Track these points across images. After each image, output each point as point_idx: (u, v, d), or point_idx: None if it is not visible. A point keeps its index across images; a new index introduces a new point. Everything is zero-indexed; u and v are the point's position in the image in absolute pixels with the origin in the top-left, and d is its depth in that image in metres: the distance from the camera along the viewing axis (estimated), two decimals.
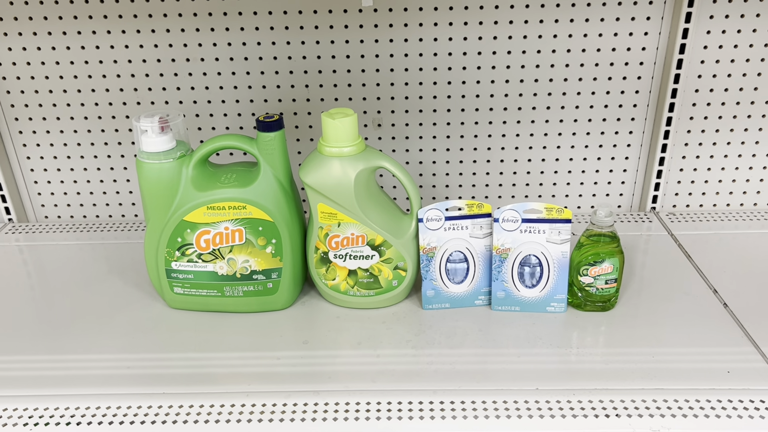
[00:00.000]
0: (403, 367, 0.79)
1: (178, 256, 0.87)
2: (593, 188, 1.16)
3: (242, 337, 0.86)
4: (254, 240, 0.86)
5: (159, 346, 0.84)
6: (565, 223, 0.84)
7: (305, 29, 1.03)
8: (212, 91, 1.08)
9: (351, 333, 0.86)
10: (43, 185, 1.17)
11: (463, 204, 0.86)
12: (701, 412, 0.71)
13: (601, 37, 1.03)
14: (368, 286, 0.88)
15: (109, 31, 1.04)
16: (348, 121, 0.82)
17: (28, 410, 0.73)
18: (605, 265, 0.85)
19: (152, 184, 0.84)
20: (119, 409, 0.73)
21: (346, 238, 0.86)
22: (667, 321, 0.86)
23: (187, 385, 0.77)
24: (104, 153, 1.14)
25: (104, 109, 1.10)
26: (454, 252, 0.87)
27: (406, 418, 0.71)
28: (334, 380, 0.77)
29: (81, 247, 1.10)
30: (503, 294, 0.88)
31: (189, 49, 1.05)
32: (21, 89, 1.09)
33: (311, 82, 1.07)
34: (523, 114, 1.10)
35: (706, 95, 1.07)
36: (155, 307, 0.92)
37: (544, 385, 0.75)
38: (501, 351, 0.82)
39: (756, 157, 1.12)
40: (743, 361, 0.78)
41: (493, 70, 1.06)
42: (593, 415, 0.70)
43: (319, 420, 0.71)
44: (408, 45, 1.04)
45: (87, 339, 0.86)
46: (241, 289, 0.88)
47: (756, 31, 1.02)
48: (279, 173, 0.85)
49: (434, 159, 1.13)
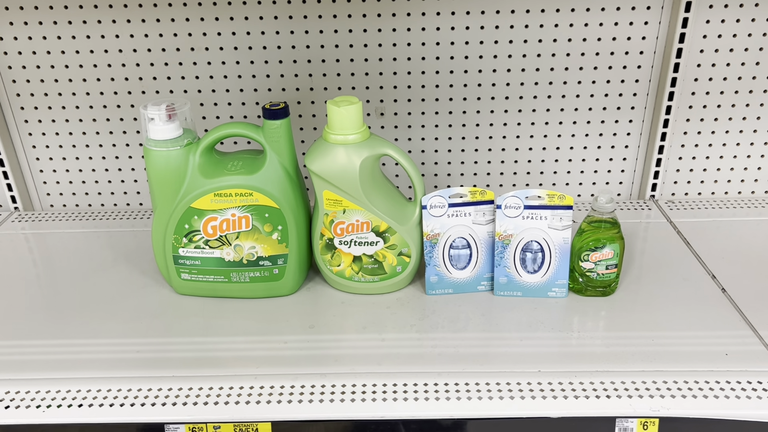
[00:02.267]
0: (408, 351, 0.80)
1: (185, 243, 0.88)
2: (593, 176, 1.17)
3: (249, 321, 0.87)
4: (260, 226, 0.87)
5: (167, 330, 0.86)
6: (566, 209, 0.85)
7: (309, 18, 1.04)
8: (216, 80, 1.09)
9: (356, 318, 0.87)
10: (48, 174, 1.18)
11: (466, 191, 0.87)
12: (700, 393, 0.72)
13: (602, 26, 1.04)
14: (373, 272, 0.90)
15: (114, 20, 1.04)
16: (353, 108, 0.83)
17: (40, 393, 0.75)
18: (606, 250, 0.86)
19: (160, 171, 0.85)
20: (129, 391, 0.75)
21: (351, 225, 0.87)
22: (666, 306, 0.87)
23: (196, 368, 0.78)
24: (109, 142, 1.15)
25: (109, 97, 1.11)
26: (457, 238, 0.89)
27: (412, 399, 0.73)
28: (341, 363, 0.78)
29: (87, 235, 1.11)
30: (505, 279, 0.89)
31: (193, 38, 1.06)
32: (27, 78, 1.09)
33: (315, 71, 1.08)
34: (524, 103, 1.11)
35: (705, 84, 1.09)
36: (162, 293, 0.93)
37: (546, 367, 0.77)
38: (503, 335, 0.83)
39: (754, 146, 1.14)
40: (741, 344, 0.80)
41: (494, 60, 1.07)
42: (594, 396, 0.72)
43: (327, 401, 0.73)
44: (411, 34, 1.05)
45: (95, 324, 0.87)
46: (248, 275, 0.90)
47: (754, 21, 1.04)
48: (285, 161, 0.86)
49: (436, 147, 1.14)
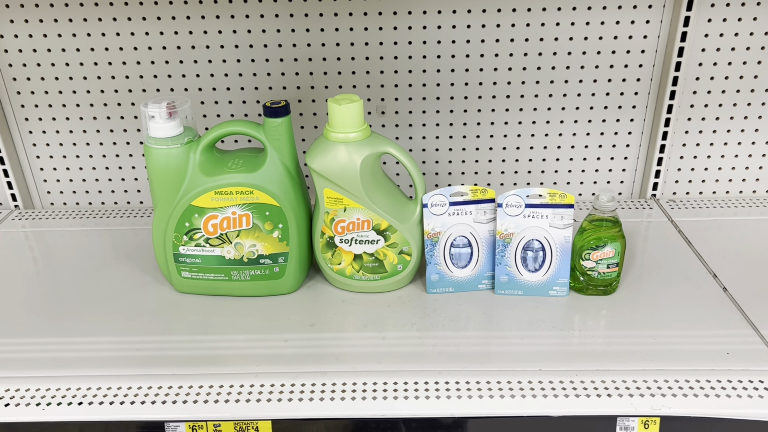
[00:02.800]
0: (409, 349, 0.80)
1: (185, 241, 0.88)
2: (594, 175, 1.17)
3: (249, 320, 0.87)
4: (261, 225, 0.87)
5: (167, 328, 0.86)
6: (567, 208, 0.85)
7: (309, 16, 1.04)
8: (217, 79, 1.09)
9: (357, 316, 0.87)
10: (48, 172, 1.18)
11: (467, 189, 0.87)
12: (701, 392, 0.72)
13: (603, 24, 1.04)
14: (373, 270, 0.90)
15: (115, 18, 1.04)
16: (354, 106, 0.83)
17: (40, 390, 0.75)
18: (607, 249, 0.86)
19: (160, 169, 0.85)
20: (130, 389, 0.74)
21: (351, 223, 0.87)
22: (667, 304, 0.87)
23: (196, 366, 0.78)
24: (109, 140, 1.15)
25: (109, 96, 1.11)
26: (458, 237, 0.89)
27: (412, 397, 0.72)
28: (341, 361, 0.78)
29: (87, 233, 1.11)
30: (506, 278, 0.89)
31: (194, 36, 1.06)
32: (27, 76, 1.09)
33: (315, 69, 1.08)
34: (525, 101, 1.10)
35: (706, 83, 1.08)
36: (163, 291, 0.93)
37: (547, 366, 0.76)
38: (504, 333, 0.83)
39: (756, 145, 1.14)
40: (742, 343, 0.80)
41: (496, 58, 1.07)
42: (595, 395, 0.72)
43: (327, 400, 0.72)
44: (412, 33, 1.05)
45: (96, 322, 0.87)
46: (248, 273, 0.89)
47: (756, 20, 1.03)
48: (285, 159, 0.86)
49: (437, 146, 1.14)
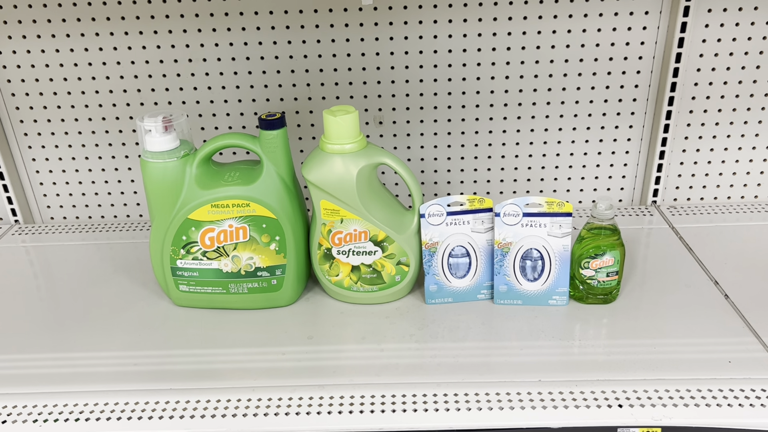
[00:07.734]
0: (407, 361, 0.80)
1: (183, 254, 0.88)
2: (594, 183, 1.16)
3: (247, 333, 0.86)
4: (258, 237, 0.87)
5: (165, 343, 0.85)
6: (566, 216, 0.84)
7: (306, 28, 1.04)
8: (214, 91, 1.09)
9: (355, 328, 0.87)
10: (48, 186, 1.18)
11: (465, 199, 0.86)
12: (703, 401, 0.71)
13: (600, 32, 1.04)
14: (371, 281, 0.89)
15: (112, 32, 1.05)
16: (349, 118, 0.82)
17: (37, 407, 0.74)
18: (606, 257, 0.85)
19: (157, 183, 0.85)
20: (127, 405, 0.74)
21: (348, 234, 0.86)
22: (668, 312, 0.87)
23: (194, 380, 0.78)
24: (108, 154, 1.15)
25: (108, 110, 1.11)
26: (456, 247, 0.88)
27: (411, 410, 0.72)
28: (339, 374, 0.78)
29: (87, 248, 1.11)
30: (505, 288, 0.89)
31: (191, 49, 1.06)
32: (25, 91, 1.10)
33: (312, 80, 1.08)
34: (523, 110, 1.10)
35: (705, 89, 1.08)
36: (161, 305, 0.93)
37: (547, 376, 0.76)
38: (504, 344, 0.82)
39: (756, 150, 1.13)
40: (744, 351, 0.79)
41: (492, 67, 1.07)
42: (596, 406, 0.71)
43: (324, 413, 0.72)
44: (408, 42, 1.05)
45: (94, 337, 0.87)
46: (246, 286, 0.89)
47: (754, 24, 1.03)
48: (282, 171, 0.86)
49: (435, 155, 1.14)
